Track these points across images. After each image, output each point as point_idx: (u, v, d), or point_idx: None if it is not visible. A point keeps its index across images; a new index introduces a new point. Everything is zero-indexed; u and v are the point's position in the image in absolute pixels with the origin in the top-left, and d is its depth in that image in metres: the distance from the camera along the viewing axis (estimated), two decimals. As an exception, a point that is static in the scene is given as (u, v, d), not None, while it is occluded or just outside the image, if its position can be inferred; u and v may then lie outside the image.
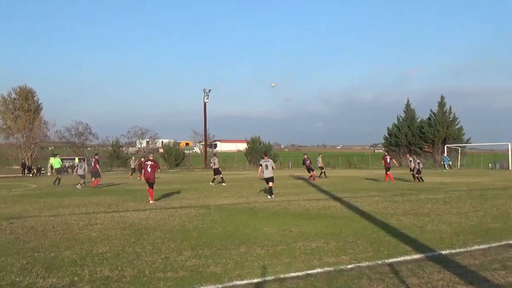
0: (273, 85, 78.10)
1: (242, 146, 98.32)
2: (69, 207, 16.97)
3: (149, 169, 19.07)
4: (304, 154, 37.60)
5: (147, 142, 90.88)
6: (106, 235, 10.70)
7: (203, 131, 79.73)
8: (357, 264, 7.58)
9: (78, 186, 28.38)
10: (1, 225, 12.55)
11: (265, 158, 20.68)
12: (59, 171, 33.20)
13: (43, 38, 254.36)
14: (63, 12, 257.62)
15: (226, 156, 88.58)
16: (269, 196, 19.66)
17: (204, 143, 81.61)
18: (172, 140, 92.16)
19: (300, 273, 7.04)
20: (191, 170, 63.73)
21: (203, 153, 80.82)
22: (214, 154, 32.82)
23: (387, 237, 10.02)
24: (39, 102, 74.79)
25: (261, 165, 20.13)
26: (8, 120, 70.62)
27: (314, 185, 27.62)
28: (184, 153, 79.92)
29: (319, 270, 7.22)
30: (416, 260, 7.88)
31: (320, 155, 40.27)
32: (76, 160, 39.30)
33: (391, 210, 14.67)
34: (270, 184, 20.08)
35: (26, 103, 71.94)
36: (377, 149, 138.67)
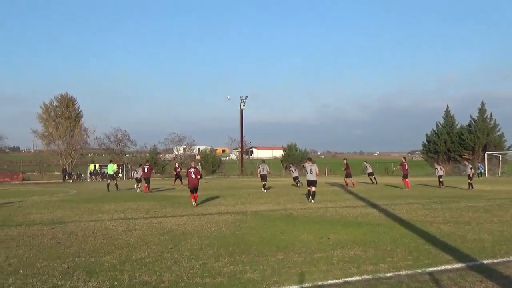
0: (228, 97, 78.13)
1: (278, 153, 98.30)
2: (108, 212, 17.26)
3: (193, 176, 19.97)
4: (344, 159, 37.47)
5: (184, 149, 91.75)
6: (145, 240, 10.83)
7: (240, 138, 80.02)
8: (396, 273, 7.48)
9: (138, 190, 30.65)
10: (43, 230, 12.83)
11: (309, 163, 21.51)
12: (112, 176, 34.20)
13: (83, 46, 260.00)
14: (101, 20, 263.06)
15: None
16: (311, 200, 20.59)
17: (240, 149, 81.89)
18: (209, 147, 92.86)
19: (338, 281, 6.99)
20: (227, 177, 63.96)
21: (239, 159, 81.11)
22: (263, 161, 33.61)
23: (427, 245, 9.86)
24: (79, 110, 76.39)
25: (304, 167, 21.28)
26: (49, 127, 72.38)
27: (351, 192, 27.38)
28: (220, 159, 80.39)
29: (357, 278, 7.16)
30: (457, 269, 7.74)
31: (366, 162, 40.19)
32: (115, 166, 39.97)
33: (431, 218, 14.43)
34: (313, 188, 20.91)
35: (67, 111, 73.59)
36: (415, 156, 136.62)
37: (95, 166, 60.03)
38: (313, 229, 12.32)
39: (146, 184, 30.72)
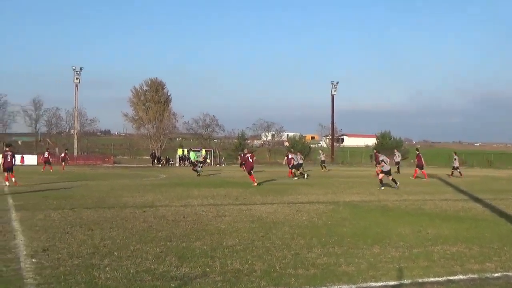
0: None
1: (371, 141, 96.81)
2: (197, 198, 17.69)
3: (250, 160, 25.32)
4: (416, 149, 36.97)
5: (272, 135, 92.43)
6: (235, 227, 11.00)
7: (330, 125, 79.53)
8: (505, 273, 7.13)
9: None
10: (135, 213, 13.35)
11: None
12: (193, 163, 35.12)
13: (174, 31, 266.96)
14: (193, 5, 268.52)
15: (354, 151, 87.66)
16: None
17: (331, 137, 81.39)
18: (298, 134, 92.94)
19: (440, 279, 6.75)
20: (317, 165, 63.70)
21: (330, 147, 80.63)
22: (292, 151, 35.84)
23: (539, 244, 9.33)
24: (168, 94, 78.74)
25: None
26: (139, 111, 75.22)
27: (450, 185, 26.49)
28: (310, 147, 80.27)
29: (461, 277, 6.88)
30: None
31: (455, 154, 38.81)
32: (203, 151, 40.89)
33: (542, 215, 13.66)
34: (390, 177, 23.24)
35: (156, 95, 76.11)
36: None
37: (183, 151, 61.63)
38: (410, 222, 12.01)
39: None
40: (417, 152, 33.37)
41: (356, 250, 8.58)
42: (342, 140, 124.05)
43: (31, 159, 61.67)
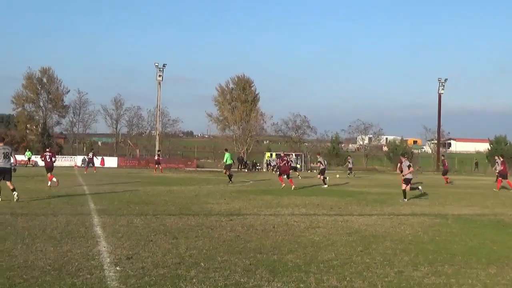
0: None
1: (482, 147, 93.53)
2: (288, 206, 17.77)
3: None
4: (442, 155, 36.04)
5: (370, 139, 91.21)
6: (330, 240, 10.95)
7: (436, 128, 77.47)
8: None
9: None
10: (221, 221, 13.60)
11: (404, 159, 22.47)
12: (227, 166, 34.56)
13: (258, 27, 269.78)
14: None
15: (462, 158, 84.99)
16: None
17: (436, 141, 79.28)
18: (399, 137, 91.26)
19: None
20: (420, 172, 62.21)
21: (435, 153, 78.57)
22: (319, 153, 35.45)
23: None
24: (256, 93, 79.35)
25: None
26: (224, 111, 76.32)
27: None
28: (412, 152, 78.55)
29: None
30: None
31: None
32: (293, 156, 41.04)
33: None
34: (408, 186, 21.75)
35: (243, 94, 76.91)
36: None
37: (271, 154, 62.10)
38: (533, 241, 11.50)
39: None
40: (501, 159, 31.59)
41: (469, 270, 8.31)
42: (449, 145, 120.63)
43: (111, 161, 64.29)
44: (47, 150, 27.52)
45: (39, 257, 8.51)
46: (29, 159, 59.64)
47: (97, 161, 50.82)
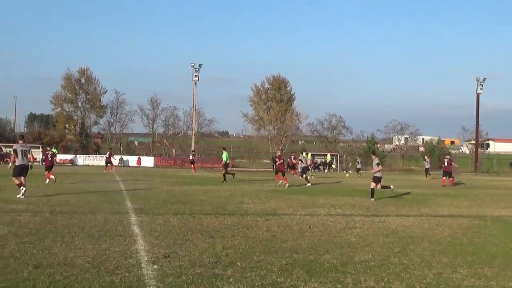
0: None
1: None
2: (324, 207, 17.73)
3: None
4: (446, 155, 36.61)
5: (406, 139, 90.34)
6: (367, 241, 10.90)
7: (475, 128, 76.34)
8: None
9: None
10: (257, 221, 13.63)
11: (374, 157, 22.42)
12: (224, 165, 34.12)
13: (294, 26, 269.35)
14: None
15: (501, 159, 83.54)
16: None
17: (475, 141, 78.13)
18: (436, 138, 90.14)
19: None
20: (458, 174, 61.31)
21: (473, 153, 77.44)
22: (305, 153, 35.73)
23: None
24: (292, 92, 79.32)
25: None
26: (260, 111, 76.45)
27: None
28: (449, 152, 77.46)
29: None
30: None
31: None
32: (328, 156, 40.83)
33: None
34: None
35: (278, 93, 76.98)
36: None
37: (307, 154, 61.86)
38: None
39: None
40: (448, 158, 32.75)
41: (509, 272, 8.21)
42: (488, 145, 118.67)
43: (147, 161, 64.98)
44: (48, 149, 30.23)
45: (78, 254, 8.66)
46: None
47: (115, 161, 51.52)
